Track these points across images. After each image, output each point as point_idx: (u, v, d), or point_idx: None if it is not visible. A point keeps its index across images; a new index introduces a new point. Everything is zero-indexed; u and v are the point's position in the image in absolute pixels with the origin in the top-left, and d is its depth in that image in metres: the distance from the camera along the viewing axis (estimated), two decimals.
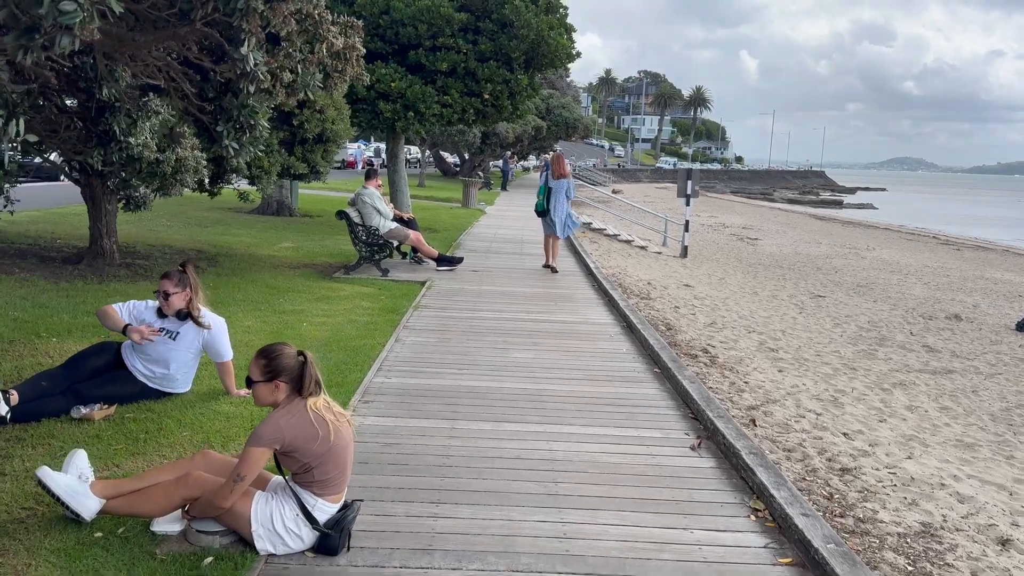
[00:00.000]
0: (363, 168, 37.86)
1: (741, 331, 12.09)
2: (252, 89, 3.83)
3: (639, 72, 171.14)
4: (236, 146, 4.27)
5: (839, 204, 77.15)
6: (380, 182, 11.76)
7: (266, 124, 4.26)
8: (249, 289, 8.85)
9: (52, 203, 16.15)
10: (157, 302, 5.04)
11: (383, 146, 48.21)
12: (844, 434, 7.43)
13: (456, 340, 7.14)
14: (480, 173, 41.17)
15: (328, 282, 9.90)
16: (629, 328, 8.07)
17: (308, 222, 17.00)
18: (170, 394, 5.03)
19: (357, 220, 10.88)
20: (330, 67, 3.89)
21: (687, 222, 20.92)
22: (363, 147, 48.97)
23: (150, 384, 4.94)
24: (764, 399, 8.11)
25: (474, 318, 8.23)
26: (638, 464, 4.46)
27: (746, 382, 8.75)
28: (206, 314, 5.02)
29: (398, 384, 5.67)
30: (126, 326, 4.87)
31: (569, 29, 14.64)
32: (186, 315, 4.96)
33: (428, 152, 43.12)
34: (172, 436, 4.44)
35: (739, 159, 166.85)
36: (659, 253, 21.31)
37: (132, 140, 6.25)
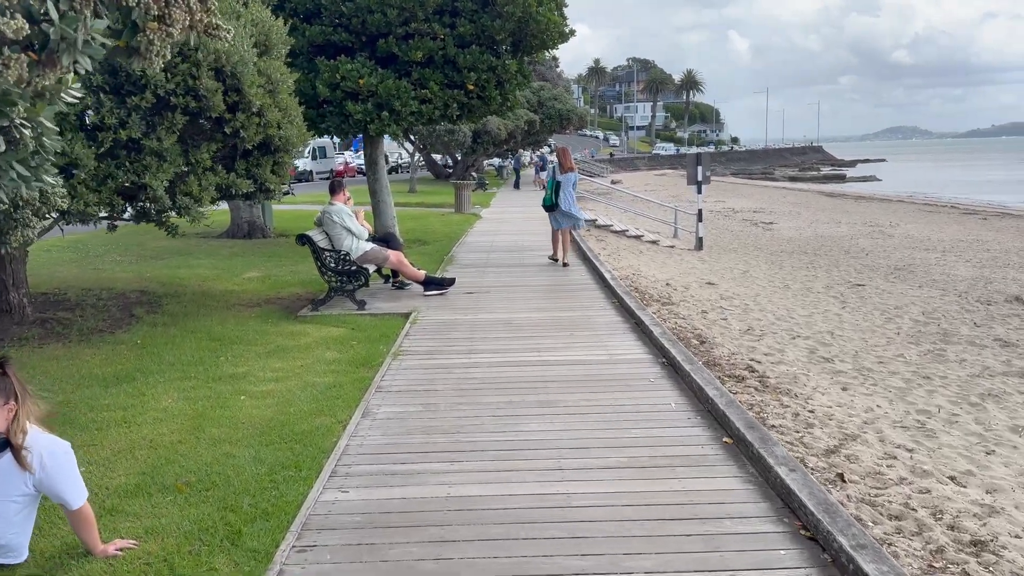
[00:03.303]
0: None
1: (784, 337, 10.30)
2: None
3: (628, 60, 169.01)
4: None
5: (842, 178, 75.41)
6: (348, 195, 9.94)
7: (53, 126, 2.41)
8: (185, 345, 7.03)
9: None
10: None
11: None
12: (951, 478, 5.70)
13: (445, 407, 5.29)
14: (474, 174, 39.29)
15: (290, 323, 8.07)
16: (671, 365, 6.22)
17: (282, 244, 15.16)
18: None
19: (324, 244, 9.06)
20: (137, 12, 2.10)
21: (700, 211, 19.10)
22: (355, 153, 47.04)
23: None
24: (840, 435, 6.36)
25: (469, 365, 6.38)
26: None
27: (811, 411, 6.98)
28: (36, 440, 3.15)
29: (358, 503, 3.81)
30: None
31: (560, 3, 12.77)
32: (4, 444, 3.11)
33: (419, 155, 41.26)
34: None
35: (735, 140, 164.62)
36: (672, 247, 19.50)
37: None
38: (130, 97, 6.28)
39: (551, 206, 12.39)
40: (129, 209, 7.16)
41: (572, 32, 13.04)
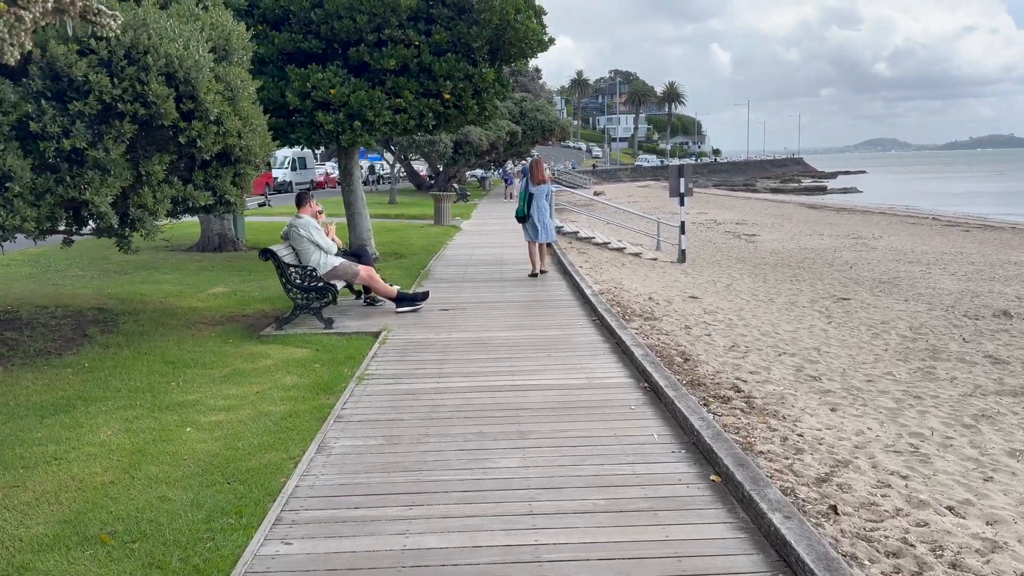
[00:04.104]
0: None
1: (770, 354, 9.99)
2: None
3: (611, 72, 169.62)
4: None
5: (823, 190, 75.74)
6: (318, 207, 9.51)
7: None
8: (135, 369, 6.55)
9: None
10: None
11: (373, 161, 45.82)
12: (950, 509, 5.38)
13: (409, 439, 4.86)
14: (455, 185, 38.88)
15: (251, 344, 7.61)
16: (654, 391, 5.83)
17: (253, 258, 14.64)
18: None
19: (290, 259, 8.61)
20: None
21: (683, 223, 18.81)
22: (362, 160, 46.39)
23: None
24: (831, 461, 6.03)
25: (439, 391, 5.96)
26: None
27: (800, 434, 6.65)
28: None
29: (301, 558, 3.37)
30: None
31: (539, 12, 12.43)
32: None
33: (399, 165, 40.81)
34: None
35: (717, 152, 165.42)
36: (654, 260, 19.20)
37: None
38: (72, 103, 5.83)
39: (523, 217, 12.32)
40: (75, 225, 6.68)
41: (551, 41, 12.70)
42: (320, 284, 8.34)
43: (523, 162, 45.95)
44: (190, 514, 3.77)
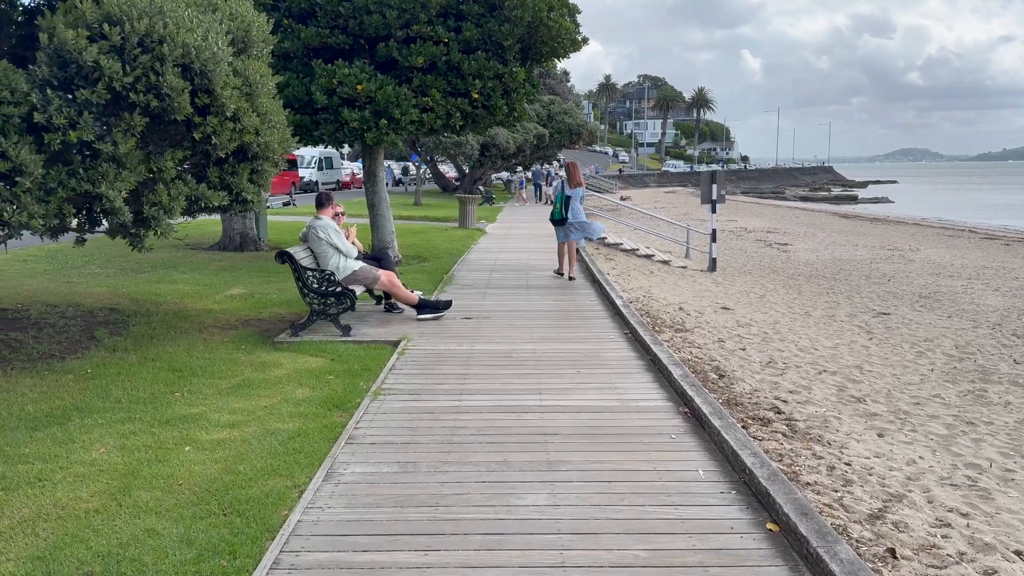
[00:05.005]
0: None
1: (809, 371, 9.45)
2: None
3: (639, 77, 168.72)
4: None
5: (853, 199, 74.52)
6: (340, 208, 9.12)
7: None
8: (139, 377, 6.17)
9: None
10: None
11: (403, 163, 45.27)
12: (1018, 554, 4.84)
13: (426, 467, 4.41)
14: (481, 188, 38.49)
15: (264, 351, 7.21)
16: (695, 417, 5.33)
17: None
18: None
19: (308, 262, 8.22)
20: None
21: (714, 231, 18.24)
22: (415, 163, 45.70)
23: None
24: (883, 495, 5.51)
25: (460, 410, 5.50)
26: None
27: (847, 463, 6.14)
28: None
29: None
30: None
31: (574, 11, 11.97)
32: None
33: (425, 167, 40.51)
34: None
35: (745, 159, 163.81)
36: (684, 268, 18.64)
37: None
38: (80, 91, 5.46)
39: (560, 220, 12.30)
40: (86, 223, 6.31)
41: (585, 40, 12.24)
42: (338, 289, 7.93)
43: (534, 168, 45.26)
44: (178, 552, 3.35)
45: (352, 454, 4.61)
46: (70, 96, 5.58)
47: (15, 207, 5.46)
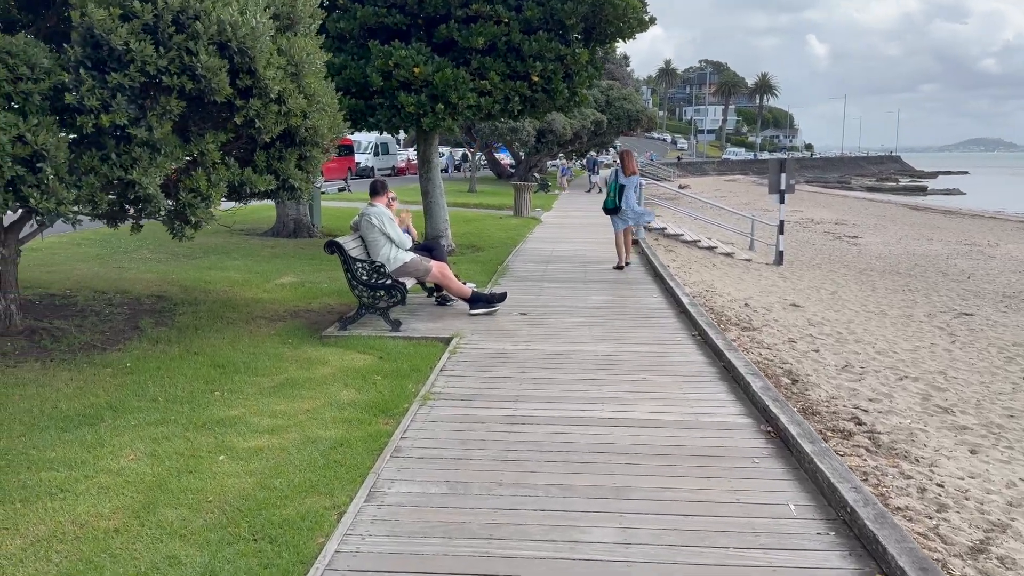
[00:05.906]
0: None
1: (889, 377, 8.75)
2: None
3: (700, 62, 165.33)
4: None
5: (923, 190, 71.65)
6: (394, 195, 8.72)
7: None
8: (180, 372, 5.87)
9: None
10: None
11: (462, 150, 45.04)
12: None
13: (479, 488, 3.96)
14: (536, 175, 37.90)
15: (311, 346, 6.86)
16: (780, 438, 4.76)
17: None
18: None
19: (358, 252, 7.84)
20: None
21: (781, 223, 17.38)
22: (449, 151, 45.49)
23: None
24: (984, 523, 4.90)
25: (515, 420, 5.04)
26: None
27: (940, 484, 5.52)
28: None
29: None
30: None
31: None
32: None
33: (480, 154, 40.09)
34: None
35: (809, 147, 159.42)
36: (748, 260, 17.85)
37: None
38: (111, 74, 5.12)
39: (613, 209, 12.22)
40: (119, 211, 6.02)
41: (652, 20, 11.59)
42: (388, 282, 7.53)
43: (589, 155, 44.41)
44: None
45: (397, 469, 4.19)
46: (104, 78, 5.25)
47: (42, 193, 5.16)
